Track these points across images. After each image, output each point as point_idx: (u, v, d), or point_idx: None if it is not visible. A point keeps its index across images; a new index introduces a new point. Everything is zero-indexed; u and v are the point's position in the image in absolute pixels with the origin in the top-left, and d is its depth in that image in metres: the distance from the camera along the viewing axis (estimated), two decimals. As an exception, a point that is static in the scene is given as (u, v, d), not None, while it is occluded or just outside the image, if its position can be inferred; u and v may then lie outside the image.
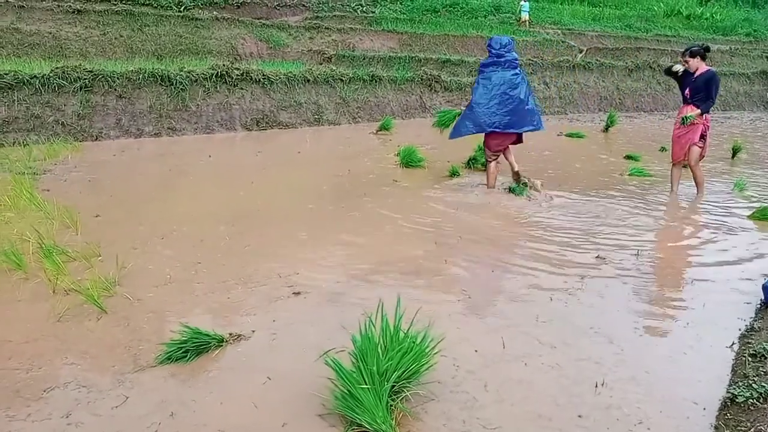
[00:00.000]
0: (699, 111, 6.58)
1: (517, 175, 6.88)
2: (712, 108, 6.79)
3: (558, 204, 6.61)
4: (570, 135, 12.17)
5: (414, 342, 2.80)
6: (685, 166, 7.04)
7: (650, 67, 18.28)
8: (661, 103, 18.17)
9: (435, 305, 3.86)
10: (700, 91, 6.59)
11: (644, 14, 33.68)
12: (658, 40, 28.69)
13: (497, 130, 6.64)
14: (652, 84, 18.23)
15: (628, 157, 9.65)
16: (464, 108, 7.07)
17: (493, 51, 6.64)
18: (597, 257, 4.87)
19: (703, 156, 6.92)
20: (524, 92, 6.63)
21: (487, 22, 27.47)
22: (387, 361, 2.66)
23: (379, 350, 2.74)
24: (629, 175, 8.25)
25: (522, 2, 27.85)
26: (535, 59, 16.73)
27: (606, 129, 13.15)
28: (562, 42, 25.12)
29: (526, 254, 4.92)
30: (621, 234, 5.56)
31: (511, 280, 4.37)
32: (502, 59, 6.60)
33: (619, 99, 17.54)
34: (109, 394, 2.84)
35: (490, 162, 6.95)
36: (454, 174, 7.78)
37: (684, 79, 6.79)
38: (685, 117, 6.63)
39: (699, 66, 6.64)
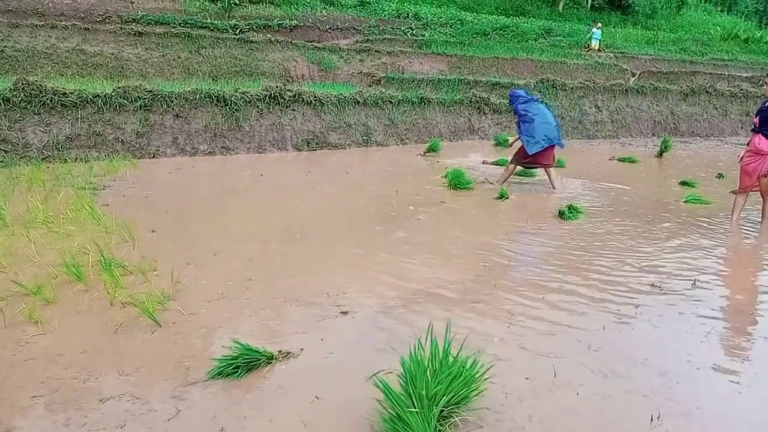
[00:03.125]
0: None
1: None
2: None
3: (612, 230, 6.47)
4: (622, 159, 11.94)
5: (464, 367, 2.78)
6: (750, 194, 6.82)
7: (706, 91, 17.80)
8: (718, 129, 17.66)
9: (484, 330, 3.82)
10: None
11: (700, 38, 33.03)
12: (714, 64, 28.05)
13: (548, 144, 8.21)
14: (708, 109, 17.75)
15: (684, 184, 9.39)
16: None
17: (522, 97, 8.52)
18: (652, 285, 4.74)
19: None
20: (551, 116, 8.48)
21: (537, 45, 27.38)
22: (436, 385, 2.64)
23: (428, 374, 2.72)
24: (685, 202, 8.01)
25: (594, 29, 27.61)
26: (586, 83, 16.53)
27: (660, 154, 12.85)
28: (615, 65, 24.77)
29: (578, 280, 4.82)
30: (677, 262, 5.40)
31: (563, 307, 4.28)
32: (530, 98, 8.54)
33: (674, 124, 17.13)
34: (162, 408, 2.90)
35: (512, 165, 8.69)
36: (503, 196, 7.72)
37: (762, 104, 6.56)
38: None
39: None
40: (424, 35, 27.03)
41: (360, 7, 28.91)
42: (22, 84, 9.44)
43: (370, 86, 16.88)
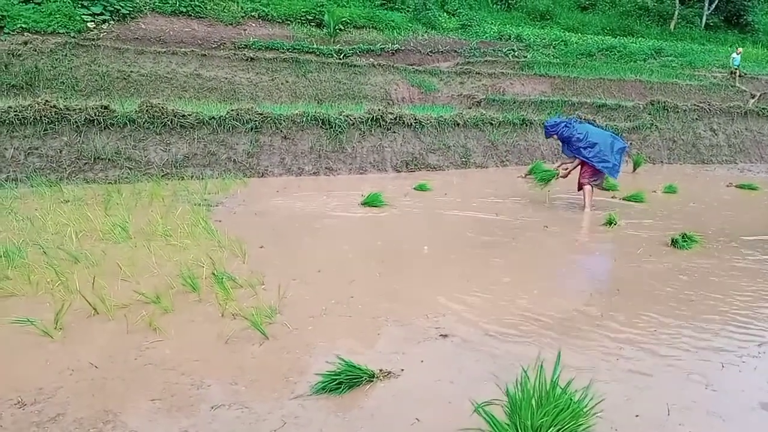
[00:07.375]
0: None
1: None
2: None
3: (730, 261, 6.05)
4: (741, 186, 11.17)
5: (571, 399, 2.68)
6: None
7: (837, 114, 16.36)
8: None
9: (591, 362, 3.68)
10: None
11: (830, 56, 30.49)
12: None
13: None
14: (840, 133, 16.30)
15: (813, 214, 8.65)
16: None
17: (570, 125, 8.46)
18: (778, 324, 4.38)
19: None
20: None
21: (647, 66, 26.33)
22: (542, 417, 2.57)
23: (534, 404, 2.65)
24: (814, 233, 7.36)
25: (734, 55, 25.86)
26: (701, 104, 15.67)
27: (784, 181, 11.92)
28: (732, 86, 23.34)
29: (692, 313, 4.54)
30: (806, 299, 4.96)
31: (677, 341, 4.03)
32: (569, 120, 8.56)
33: (800, 149, 15.85)
34: (269, 418, 3.00)
35: (588, 187, 8.49)
36: (610, 222, 7.42)
37: None
38: None
39: None
40: (526, 57, 26.77)
41: (461, 30, 29.09)
42: (146, 106, 10.21)
43: (470, 108, 16.85)
